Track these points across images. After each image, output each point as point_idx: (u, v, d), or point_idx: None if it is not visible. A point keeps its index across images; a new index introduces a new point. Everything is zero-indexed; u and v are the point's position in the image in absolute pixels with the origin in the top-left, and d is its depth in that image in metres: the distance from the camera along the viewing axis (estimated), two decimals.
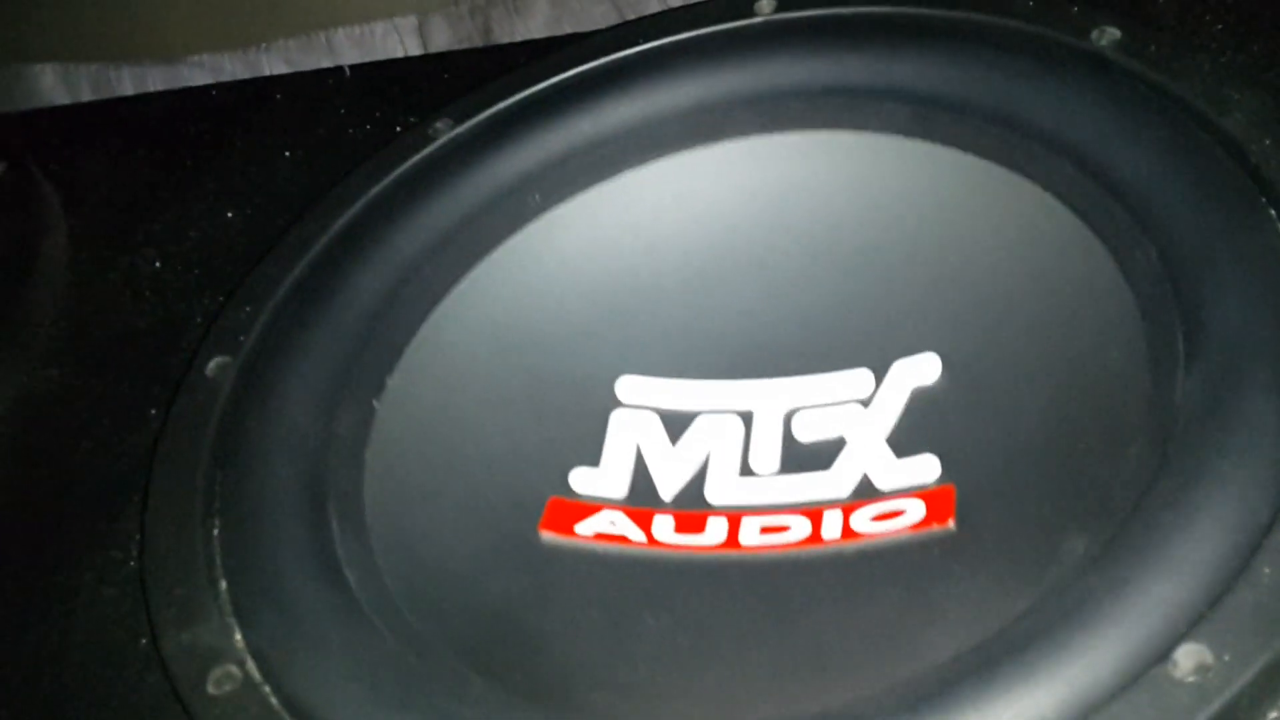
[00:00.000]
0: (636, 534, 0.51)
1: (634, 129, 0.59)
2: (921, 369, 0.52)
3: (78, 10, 0.88)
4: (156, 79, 0.84)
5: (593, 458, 0.54)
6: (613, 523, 0.51)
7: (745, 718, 0.43)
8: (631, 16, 0.73)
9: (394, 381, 0.54)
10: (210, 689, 0.44)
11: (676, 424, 0.54)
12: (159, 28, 0.87)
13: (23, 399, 0.58)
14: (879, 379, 0.52)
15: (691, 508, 0.52)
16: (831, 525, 0.49)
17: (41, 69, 0.86)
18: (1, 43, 0.88)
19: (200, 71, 0.84)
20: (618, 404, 0.55)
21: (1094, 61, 0.53)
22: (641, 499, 0.53)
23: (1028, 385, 0.49)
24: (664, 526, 0.51)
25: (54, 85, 0.85)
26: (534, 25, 0.76)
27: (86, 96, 0.85)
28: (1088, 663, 0.36)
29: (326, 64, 0.75)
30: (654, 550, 0.50)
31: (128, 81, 0.84)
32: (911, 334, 0.53)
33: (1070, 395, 0.47)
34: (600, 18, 0.77)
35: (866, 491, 0.49)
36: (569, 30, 0.69)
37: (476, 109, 0.61)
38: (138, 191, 0.67)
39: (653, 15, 0.65)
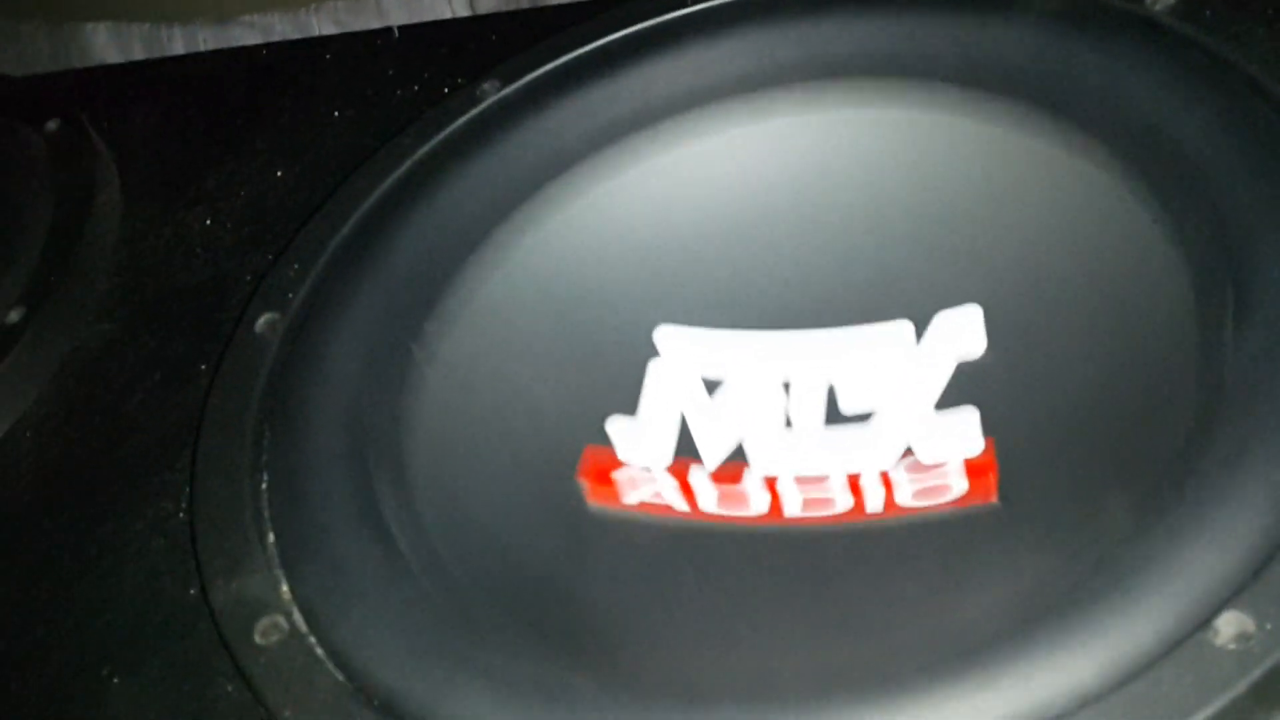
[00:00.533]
0: (680, 502, 0.51)
1: (681, 89, 0.59)
2: (963, 322, 0.51)
3: None
4: (207, 38, 0.84)
5: (629, 407, 0.54)
6: (657, 493, 0.52)
7: (782, 680, 0.44)
8: None
9: (438, 337, 0.54)
10: (257, 639, 0.45)
11: (714, 373, 0.55)
12: None
13: (77, 353, 0.59)
14: (920, 331, 0.52)
15: (729, 461, 0.52)
16: (874, 499, 0.49)
17: (95, 28, 0.87)
18: (56, 2, 0.89)
19: (250, 32, 0.85)
20: (655, 353, 0.56)
21: (1148, 25, 0.52)
22: (679, 452, 0.53)
23: (1072, 344, 0.48)
24: (707, 496, 0.52)
25: (107, 44, 0.86)
26: None
27: (138, 55, 0.85)
28: (1128, 629, 0.36)
29: (375, 25, 0.75)
30: (698, 520, 0.51)
31: (179, 41, 0.85)
32: (955, 289, 0.52)
33: (1116, 357, 0.47)
34: None
35: (907, 451, 0.49)
36: None
37: (524, 70, 0.61)
38: (189, 149, 0.68)
39: None
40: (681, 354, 0.55)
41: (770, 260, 0.57)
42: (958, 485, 0.48)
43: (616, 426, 0.53)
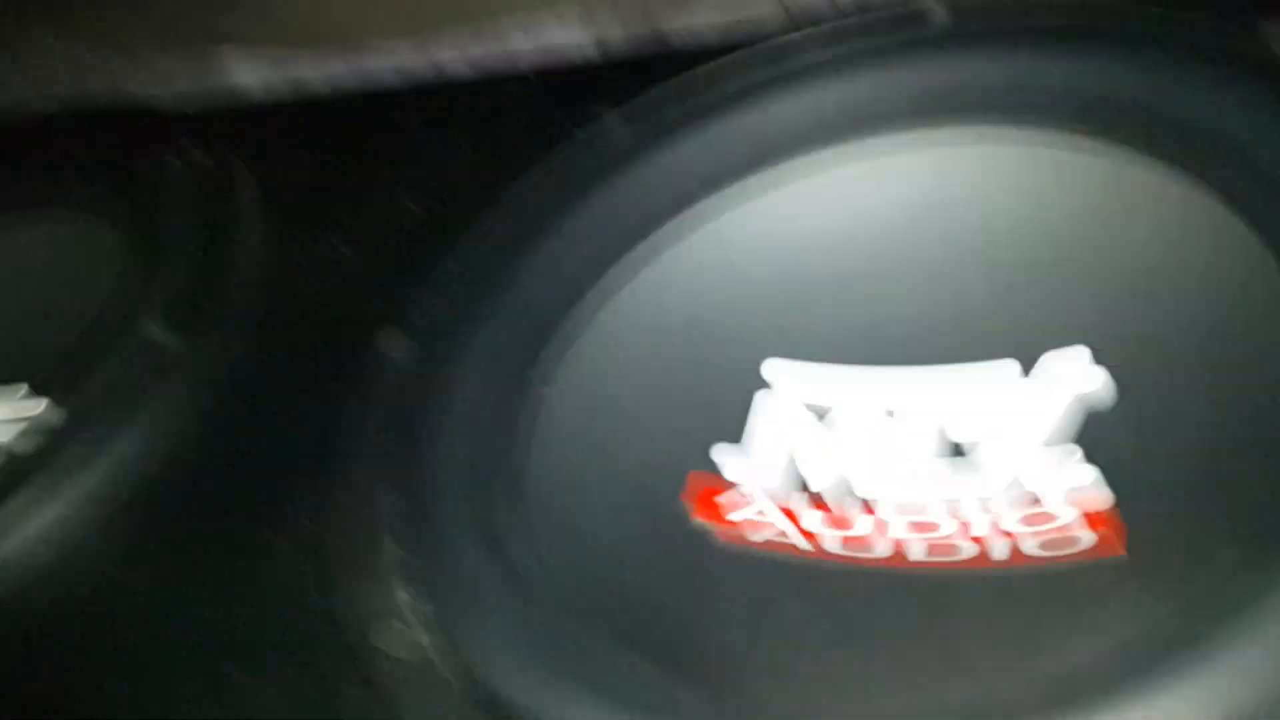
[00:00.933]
0: (799, 540, 0.53)
1: (798, 130, 0.61)
2: (1071, 362, 0.52)
3: (269, 3, 0.93)
4: (340, 66, 0.88)
5: (737, 436, 0.56)
6: (781, 532, 0.53)
7: (891, 711, 0.44)
8: (797, 10, 0.74)
9: (557, 363, 0.57)
10: (380, 646, 0.47)
11: (821, 408, 0.56)
12: (342, 19, 0.91)
13: (217, 371, 0.62)
14: (1027, 371, 0.53)
15: (836, 496, 0.53)
16: (999, 548, 0.49)
17: (234, 57, 0.90)
18: (200, 32, 0.93)
19: (381, 58, 0.87)
20: (764, 385, 0.57)
21: (1263, 58, 0.52)
22: (787, 483, 0.54)
23: (1188, 387, 0.49)
24: (830, 538, 0.53)
25: (245, 71, 0.90)
26: (699, 14, 0.77)
27: (274, 82, 0.89)
28: (1236, 675, 0.36)
29: (496, 50, 0.78)
30: (813, 557, 0.52)
31: (313, 69, 0.88)
32: (1066, 329, 0.53)
33: (1234, 401, 0.47)
34: (764, 9, 0.77)
35: (1019, 490, 0.50)
36: (735, 17, 0.70)
37: (649, 109, 0.63)
38: (327, 180, 0.71)
39: (826, 25, 0.66)
40: (789, 386, 0.57)
41: (880, 297, 0.58)
42: (1084, 538, 0.48)
43: (722, 454, 0.55)
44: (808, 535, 0.52)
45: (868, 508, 0.53)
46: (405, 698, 0.45)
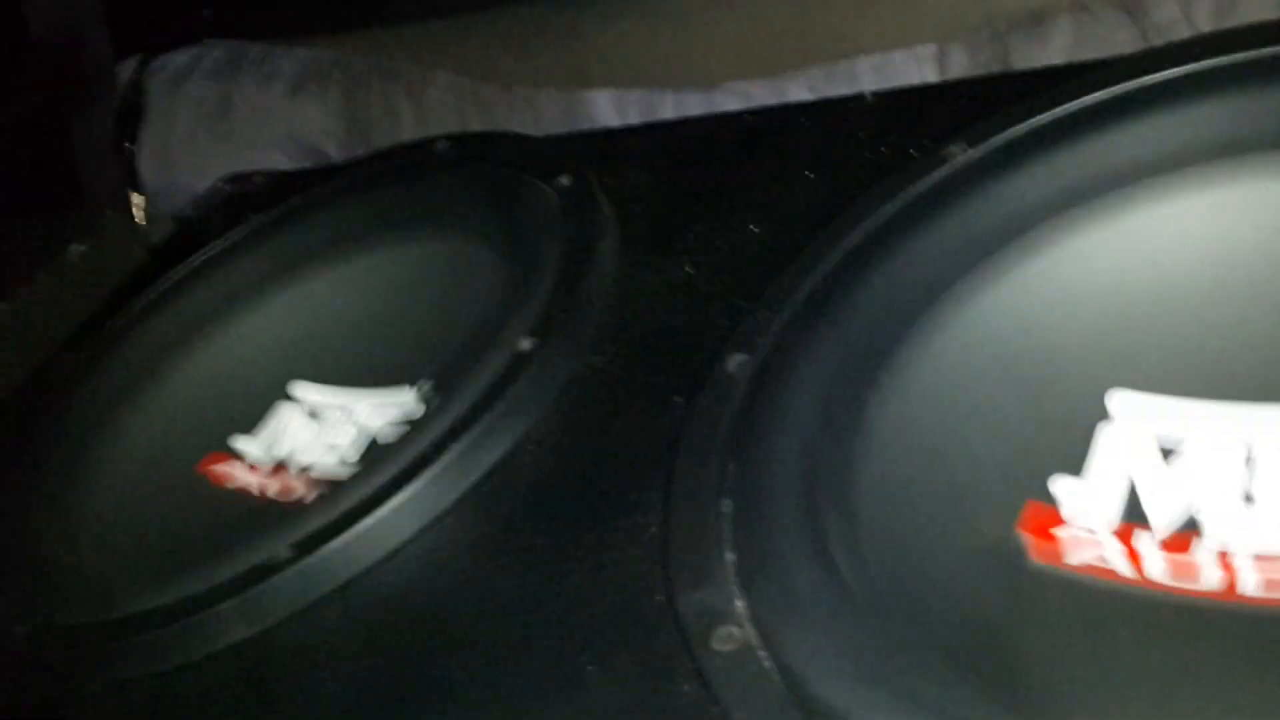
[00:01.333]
0: (1126, 568, 0.51)
1: (1145, 156, 0.59)
2: None
3: (629, 46, 0.99)
4: (695, 104, 0.92)
5: (1074, 468, 0.55)
6: (1101, 556, 0.52)
7: None
8: (1158, 43, 0.72)
9: (891, 384, 0.57)
10: (715, 645, 0.49)
11: (1169, 443, 0.54)
12: (699, 60, 0.96)
13: (574, 379, 0.66)
14: None
15: (1182, 535, 0.52)
16: None
17: (599, 94, 0.97)
18: (569, 72, 1.00)
19: (732, 98, 0.91)
20: (1107, 417, 0.56)
21: None
22: (1128, 520, 0.53)
23: None
24: (1154, 564, 0.51)
25: (608, 107, 0.96)
26: (1054, 51, 0.76)
27: (635, 119, 0.94)
28: None
29: (848, 91, 0.79)
30: (1145, 588, 0.51)
31: (670, 106, 0.93)
32: None
33: None
34: (1124, 44, 0.76)
35: None
36: (1090, 57, 0.68)
37: (990, 133, 0.63)
38: (676, 205, 0.74)
39: (1180, 42, 0.64)
40: (1135, 419, 0.55)
41: (1231, 330, 0.55)
42: None
43: (1062, 486, 0.54)
44: (1135, 563, 0.51)
45: (1209, 544, 0.51)
46: (732, 692, 0.48)
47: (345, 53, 1.09)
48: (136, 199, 1.12)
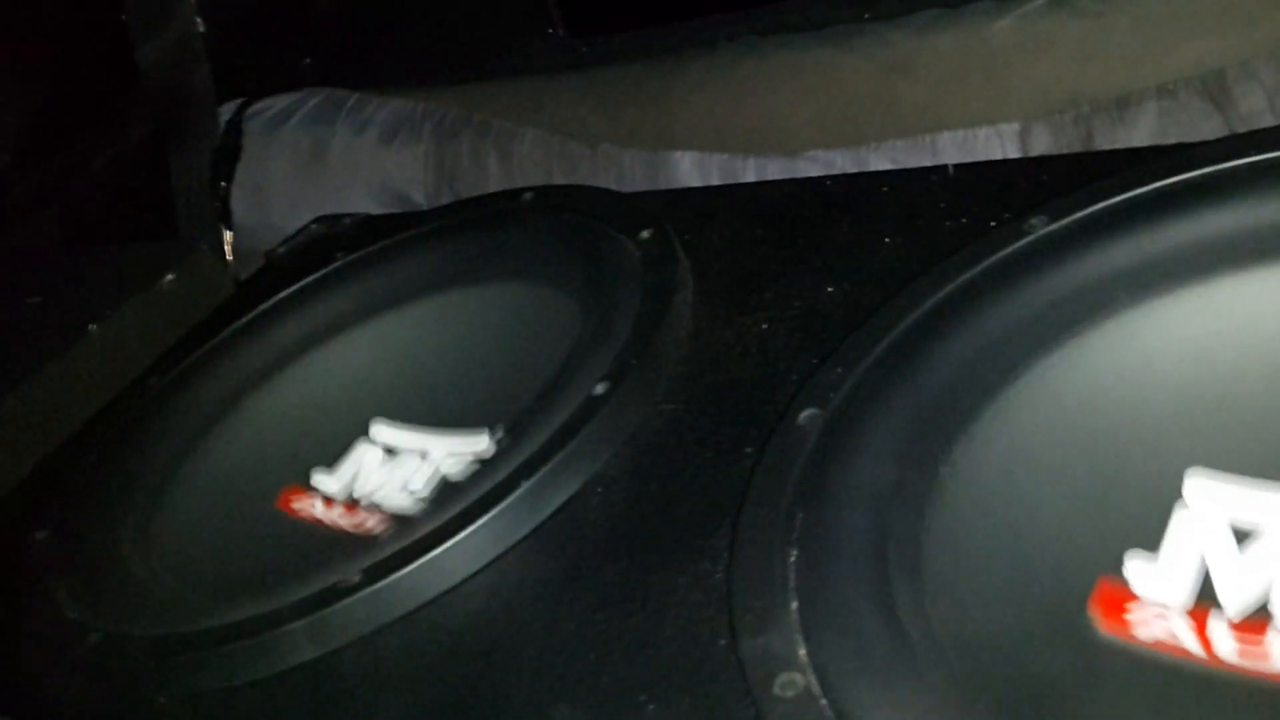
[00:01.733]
0: (1196, 647, 0.51)
1: (1234, 238, 0.60)
2: None
3: (715, 111, 1.01)
4: (776, 170, 0.94)
5: (1150, 545, 0.55)
6: (1172, 630, 0.52)
7: None
8: (1242, 130, 0.73)
9: (962, 448, 0.58)
10: (776, 691, 0.50)
11: (1245, 526, 0.54)
12: (782, 127, 0.98)
13: (645, 425, 0.67)
14: None
15: (1255, 619, 0.51)
16: None
17: (682, 156, 0.99)
18: (654, 134, 1.02)
19: (814, 166, 0.93)
20: (1182, 500, 0.56)
21: None
22: (1200, 601, 0.53)
23: None
24: (1226, 645, 0.51)
25: (690, 169, 0.98)
26: (1138, 135, 0.77)
27: (716, 180, 0.96)
28: None
29: (929, 163, 0.80)
30: (1214, 668, 0.50)
31: (751, 171, 0.95)
32: None
33: None
34: (1208, 132, 0.76)
35: None
36: (1174, 141, 0.69)
37: (1073, 208, 0.63)
38: (754, 263, 0.75)
39: (1267, 129, 0.64)
40: (1212, 500, 0.55)
41: None
42: None
43: (1136, 564, 0.54)
44: (1205, 642, 0.51)
45: None
46: None
47: (437, 105, 1.13)
48: (228, 235, 1.15)
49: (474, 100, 1.10)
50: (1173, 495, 0.56)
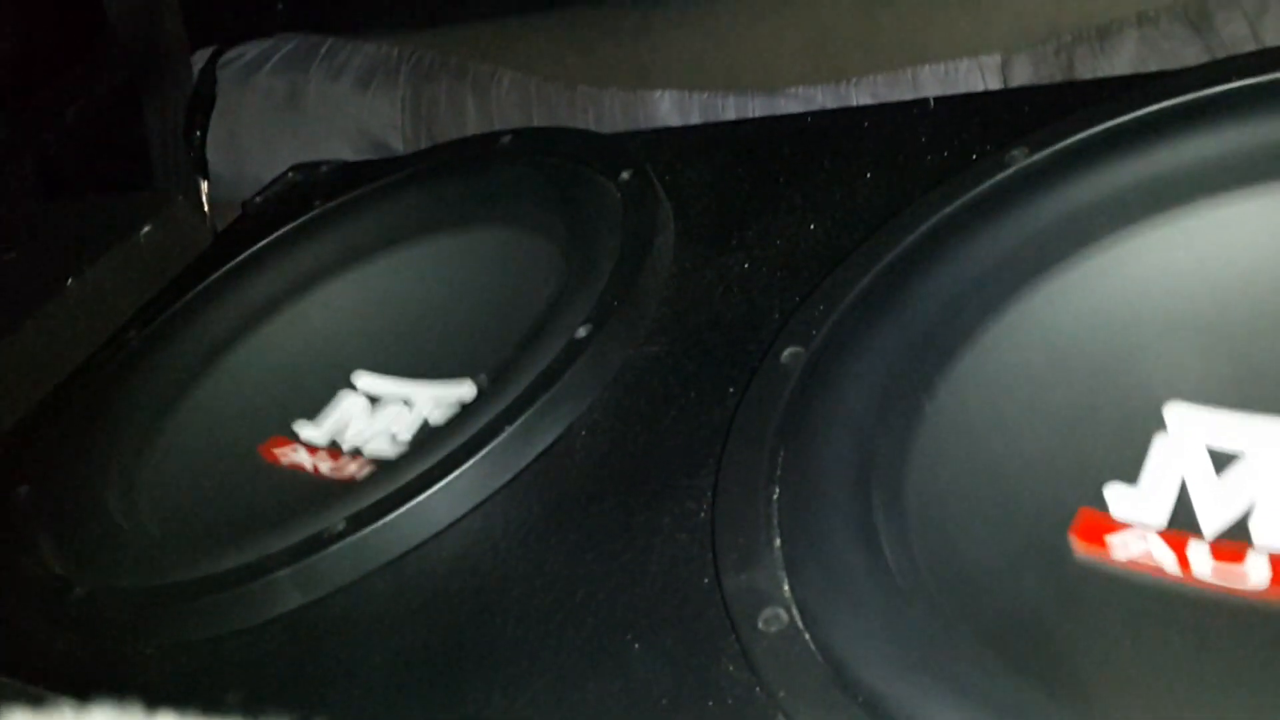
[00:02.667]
0: (1172, 566, 0.52)
1: (1216, 165, 0.59)
2: None
3: (694, 49, 1.00)
4: (757, 107, 0.93)
5: (1130, 475, 0.55)
6: (1147, 553, 0.52)
7: None
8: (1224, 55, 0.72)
9: (944, 382, 0.58)
10: (760, 626, 0.50)
11: (1225, 456, 0.54)
12: (762, 64, 0.97)
13: (627, 368, 0.67)
14: None
15: (1233, 543, 0.52)
16: None
17: (661, 95, 0.98)
18: (632, 73, 1.01)
19: (795, 102, 0.92)
20: (1163, 428, 0.56)
21: None
22: (1179, 526, 0.53)
23: None
24: (1202, 564, 0.51)
25: (670, 108, 0.97)
26: (1119, 65, 0.76)
27: (695, 119, 0.95)
28: None
29: (910, 97, 0.80)
30: (1189, 585, 0.51)
31: (732, 109, 0.95)
32: None
33: None
34: (1190, 59, 0.76)
35: None
36: (1157, 63, 0.69)
37: (1053, 139, 0.63)
38: (735, 202, 0.75)
39: (1248, 54, 0.64)
40: (1191, 430, 0.55)
41: None
42: None
43: (1115, 493, 0.54)
44: (1182, 561, 0.51)
45: (1259, 548, 0.50)
46: (775, 672, 0.48)
47: (413, 49, 1.11)
48: (204, 185, 1.14)
49: (450, 43, 1.09)
50: (1153, 425, 0.56)
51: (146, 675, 0.65)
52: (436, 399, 0.79)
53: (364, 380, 0.84)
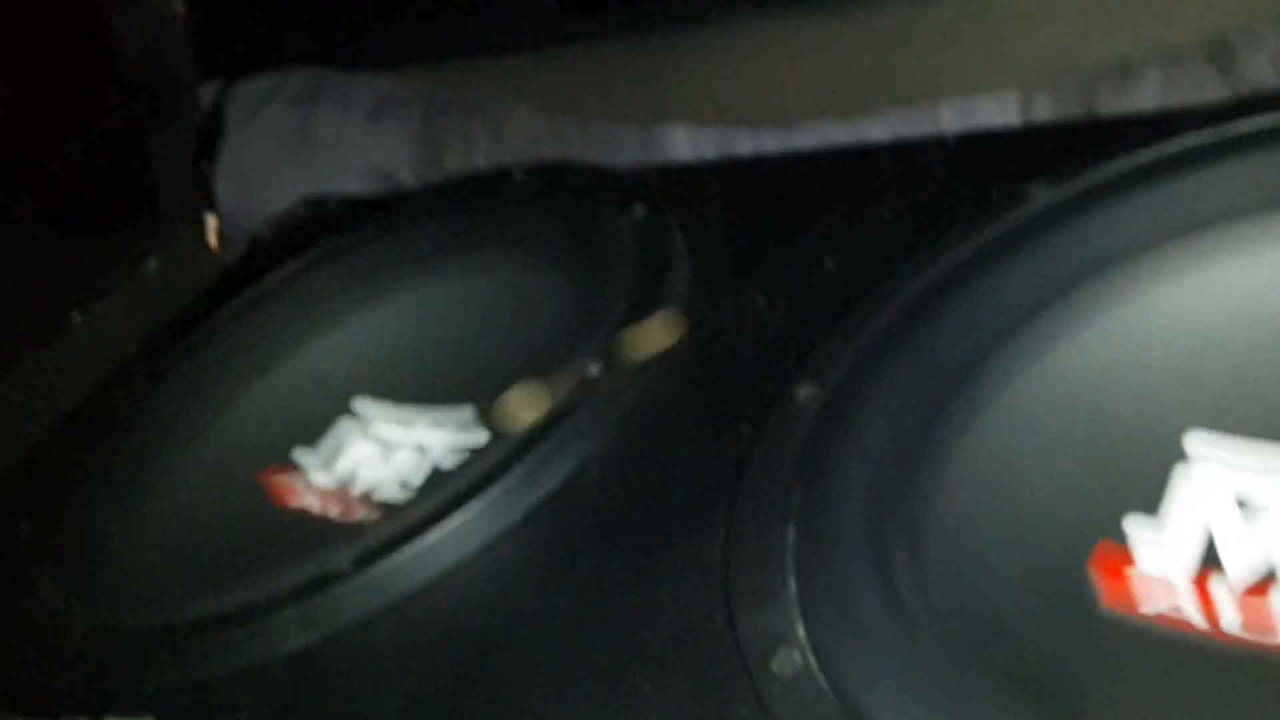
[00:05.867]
0: (1200, 621, 0.50)
1: (1236, 200, 0.59)
2: None
3: (708, 83, 1.00)
4: (772, 143, 0.92)
5: (1149, 506, 0.54)
6: (1175, 606, 0.51)
7: None
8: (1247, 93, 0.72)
9: (962, 422, 0.57)
10: (774, 668, 0.49)
11: (1245, 485, 0.53)
12: (777, 99, 0.97)
13: (641, 404, 0.66)
14: None
15: (1259, 583, 0.50)
16: None
17: (676, 129, 0.97)
18: (646, 109, 1.01)
19: (810, 137, 0.91)
20: (1184, 458, 0.55)
21: None
22: (1204, 565, 0.52)
23: None
24: (1230, 616, 0.50)
25: (684, 143, 0.96)
26: (1141, 101, 0.76)
27: (710, 154, 0.95)
28: None
29: (928, 133, 0.79)
30: (1214, 639, 0.50)
31: (747, 143, 0.94)
32: None
33: None
34: (1213, 96, 0.75)
35: None
36: (1179, 98, 0.68)
37: (1073, 174, 0.63)
38: (750, 238, 0.74)
39: (1269, 92, 0.63)
40: (1214, 463, 0.54)
41: None
42: None
43: (1136, 526, 0.53)
44: (1209, 614, 0.50)
45: None
46: (790, 715, 0.47)
47: (424, 83, 1.11)
48: (211, 219, 1.14)
49: (462, 78, 1.08)
50: (1175, 457, 0.55)
51: (148, 714, 0.63)
52: (435, 423, 0.78)
53: (362, 405, 0.83)
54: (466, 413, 0.76)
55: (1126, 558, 0.53)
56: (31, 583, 0.74)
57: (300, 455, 0.81)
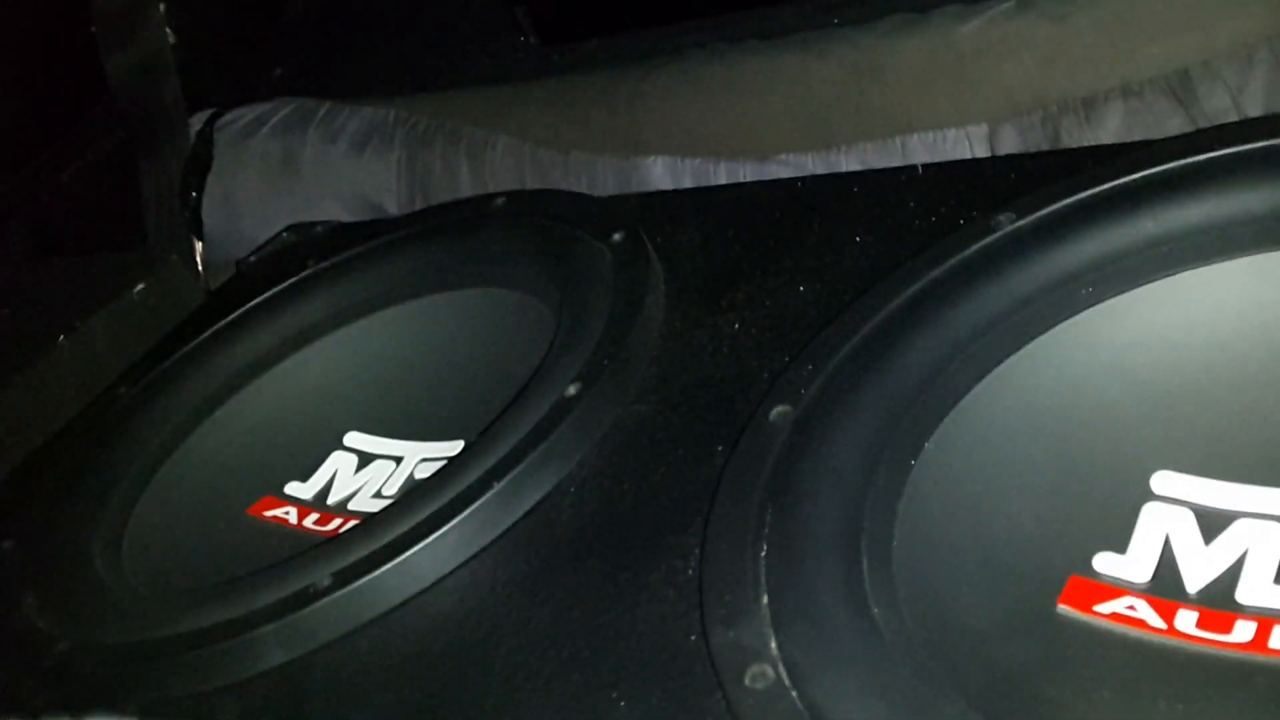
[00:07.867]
0: (1156, 621, 0.52)
1: (1198, 233, 0.60)
2: None
3: (686, 116, 1.02)
4: (747, 174, 0.94)
5: (1119, 545, 0.55)
6: (1132, 608, 0.52)
7: None
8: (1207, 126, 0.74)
9: (932, 445, 0.58)
10: (747, 682, 0.50)
11: (1212, 524, 0.54)
12: (753, 132, 0.99)
13: (617, 427, 0.67)
14: None
15: (1218, 606, 0.52)
16: None
17: (654, 160, 0.99)
18: (625, 140, 1.03)
19: (785, 169, 0.93)
20: (1152, 496, 0.56)
21: None
22: (1166, 590, 0.53)
23: None
24: (1186, 619, 0.51)
25: (662, 174, 0.98)
26: (1104, 135, 0.78)
27: (688, 184, 0.97)
28: None
29: (897, 162, 0.81)
30: (1173, 640, 0.51)
31: (723, 174, 0.96)
32: None
33: None
34: (1174, 130, 0.77)
35: None
36: (1143, 133, 0.70)
37: (1040, 204, 0.64)
38: (725, 264, 0.76)
39: (1232, 124, 0.65)
40: (1180, 500, 0.56)
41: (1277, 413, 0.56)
42: None
43: (1106, 562, 0.55)
44: (1165, 614, 0.51)
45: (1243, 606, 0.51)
46: None
47: (409, 114, 1.13)
48: (199, 245, 1.15)
49: (445, 108, 1.10)
50: (1139, 491, 0.56)
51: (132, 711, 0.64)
52: (427, 462, 0.79)
53: (355, 440, 0.84)
54: (457, 449, 0.77)
55: (1098, 593, 0.53)
56: (14, 600, 0.74)
57: (293, 489, 0.82)
